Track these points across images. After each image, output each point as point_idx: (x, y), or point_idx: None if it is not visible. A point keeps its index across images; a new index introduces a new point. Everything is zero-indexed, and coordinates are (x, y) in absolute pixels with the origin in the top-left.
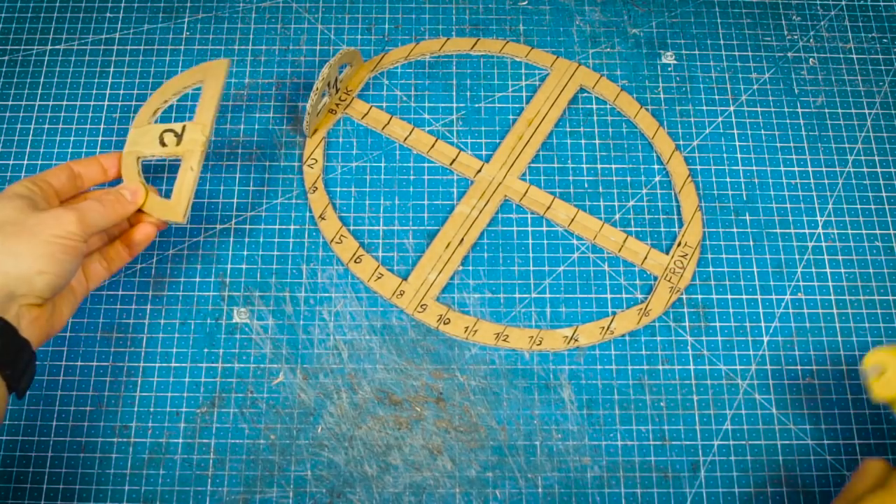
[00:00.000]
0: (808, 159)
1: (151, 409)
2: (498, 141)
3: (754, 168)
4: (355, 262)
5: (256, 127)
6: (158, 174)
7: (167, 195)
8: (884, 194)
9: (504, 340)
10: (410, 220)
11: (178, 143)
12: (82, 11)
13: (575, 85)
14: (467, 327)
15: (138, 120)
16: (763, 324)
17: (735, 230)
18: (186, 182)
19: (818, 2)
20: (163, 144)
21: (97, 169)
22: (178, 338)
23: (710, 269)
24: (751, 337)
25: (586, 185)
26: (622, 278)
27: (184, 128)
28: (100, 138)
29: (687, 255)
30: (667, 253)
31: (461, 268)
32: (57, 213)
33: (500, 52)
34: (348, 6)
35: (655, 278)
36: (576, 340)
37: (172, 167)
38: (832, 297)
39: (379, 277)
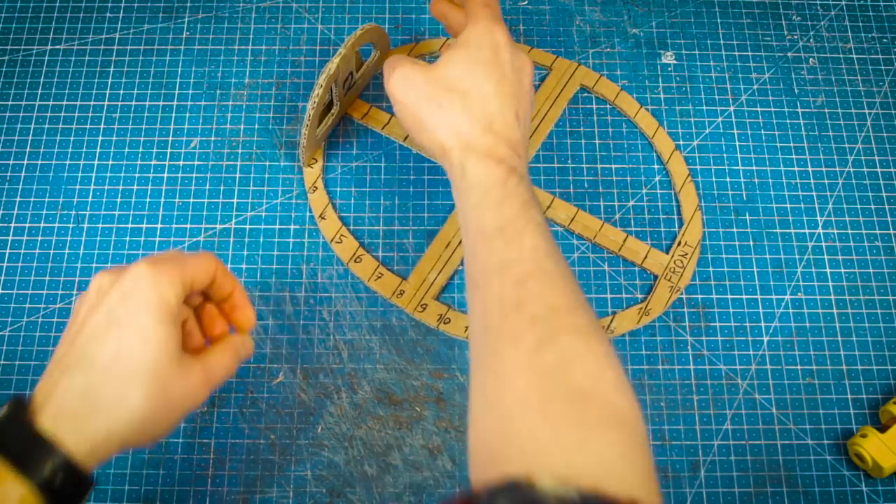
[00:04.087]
0: (808, 159)
1: None
2: None
3: (754, 168)
4: (355, 261)
5: (256, 127)
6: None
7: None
8: (884, 194)
9: None
10: (410, 220)
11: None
12: (82, 11)
13: (575, 85)
14: (467, 327)
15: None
16: (763, 324)
17: (735, 230)
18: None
19: (818, 2)
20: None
21: (227, 289)
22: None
23: (710, 268)
24: (751, 337)
25: (586, 185)
26: (622, 278)
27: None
28: (100, 138)
29: (687, 254)
30: (667, 252)
31: (461, 267)
32: (200, 391)
33: None
34: (348, 6)
35: (655, 278)
36: None
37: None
38: (832, 297)
39: (379, 277)
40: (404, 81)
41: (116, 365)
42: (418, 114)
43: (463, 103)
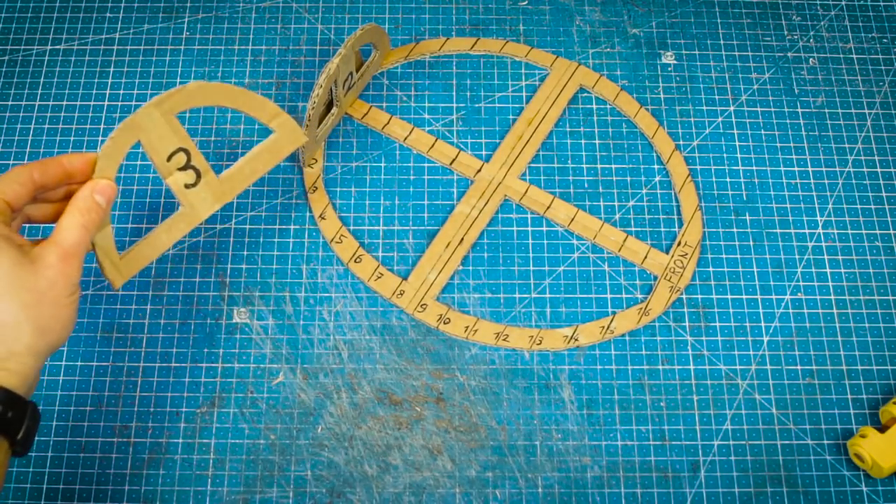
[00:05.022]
0: (808, 159)
1: (151, 409)
2: (498, 141)
3: (754, 168)
4: (355, 261)
5: (256, 127)
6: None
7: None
8: (884, 194)
9: (504, 340)
10: (410, 220)
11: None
12: (82, 11)
13: (575, 85)
14: (467, 327)
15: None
16: (763, 324)
17: (735, 230)
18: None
19: (818, 2)
20: (179, 168)
21: (59, 173)
22: (178, 338)
23: (710, 268)
24: (751, 337)
25: (586, 185)
26: (622, 278)
27: (200, 179)
28: (99, 138)
29: (687, 254)
30: (667, 252)
31: (461, 267)
32: (62, 266)
33: (500, 51)
34: (348, 6)
35: (655, 278)
36: (576, 340)
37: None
38: (832, 297)
39: (379, 277)
40: None
41: None
42: None
43: None
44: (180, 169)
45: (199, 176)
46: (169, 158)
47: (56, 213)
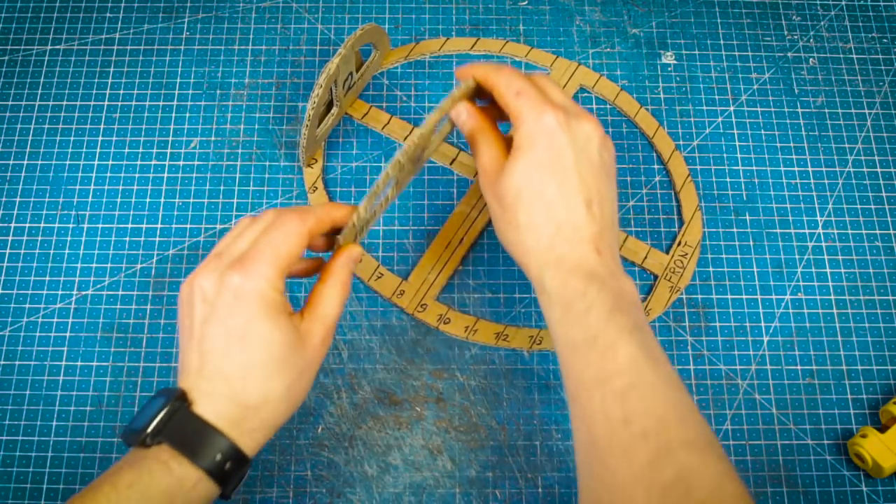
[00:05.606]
0: (808, 159)
1: None
2: None
3: (754, 168)
4: None
5: (256, 127)
6: None
7: None
8: (884, 194)
9: (504, 340)
10: (410, 220)
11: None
12: (82, 11)
13: (575, 85)
14: (467, 327)
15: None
16: (763, 324)
17: (735, 230)
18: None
19: (818, 2)
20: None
21: (327, 226)
22: (178, 338)
23: (710, 268)
24: (751, 337)
25: None
26: None
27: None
28: (100, 138)
29: (687, 254)
30: (667, 253)
31: (461, 267)
32: (323, 348)
33: (500, 51)
34: (348, 6)
35: (655, 278)
36: None
37: None
38: (832, 297)
39: (379, 277)
40: (487, 191)
41: (252, 375)
42: (498, 225)
43: (529, 217)
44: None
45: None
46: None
47: (309, 271)
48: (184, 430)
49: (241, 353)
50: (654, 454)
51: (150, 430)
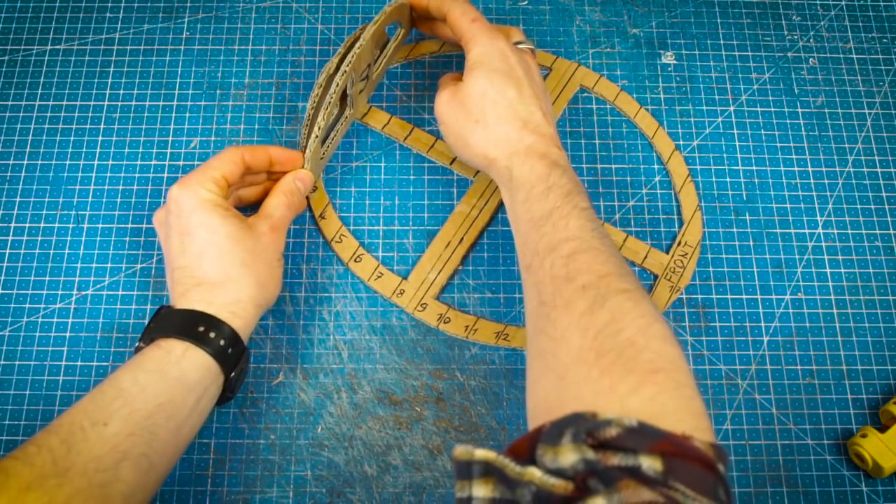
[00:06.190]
0: (808, 159)
1: None
2: None
3: (754, 168)
4: (355, 261)
5: (256, 127)
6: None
7: None
8: (884, 194)
9: (504, 339)
10: (410, 220)
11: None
12: (82, 11)
13: (575, 85)
14: (467, 326)
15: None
16: (763, 324)
17: (735, 230)
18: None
19: (818, 2)
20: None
21: (265, 160)
22: None
23: (710, 268)
24: (751, 337)
25: (586, 185)
26: None
27: (367, 80)
28: (100, 138)
29: (687, 254)
30: (667, 252)
31: (461, 267)
32: (272, 235)
33: None
34: (348, 6)
35: (655, 278)
36: None
37: None
38: (832, 297)
39: (379, 277)
40: (447, 104)
41: (206, 256)
42: (461, 132)
43: (496, 113)
44: (362, 80)
45: (367, 79)
46: (362, 73)
47: (260, 196)
48: (166, 323)
49: (191, 243)
50: (591, 303)
51: (141, 336)
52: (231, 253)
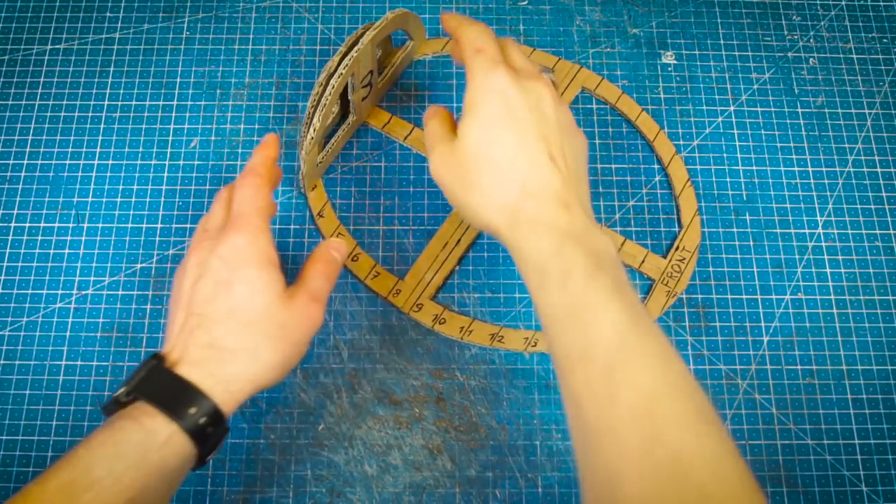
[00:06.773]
0: (808, 159)
1: None
2: None
3: (754, 168)
4: (352, 259)
5: (256, 127)
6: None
7: None
8: (884, 194)
9: (499, 341)
10: (410, 220)
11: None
12: (82, 11)
13: (576, 87)
14: (462, 327)
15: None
16: (763, 324)
17: (735, 230)
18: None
19: (818, 2)
20: (363, 86)
21: (271, 168)
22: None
23: (710, 269)
24: (751, 337)
25: None
26: None
27: (371, 88)
28: (100, 138)
29: (685, 259)
30: (664, 256)
31: (460, 267)
32: (312, 307)
33: None
34: (348, 6)
35: (652, 282)
36: None
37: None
38: (832, 297)
39: (376, 276)
40: (442, 167)
41: (234, 318)
42: (459, 197)
43: (492, 175)
44: (364, 86)
45: (371, 86)
46: (363, 80)
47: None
48: (156, 385)
49: (226, 298)
50: (645, 437)
51: (122, 389)
52: (260, 324)
